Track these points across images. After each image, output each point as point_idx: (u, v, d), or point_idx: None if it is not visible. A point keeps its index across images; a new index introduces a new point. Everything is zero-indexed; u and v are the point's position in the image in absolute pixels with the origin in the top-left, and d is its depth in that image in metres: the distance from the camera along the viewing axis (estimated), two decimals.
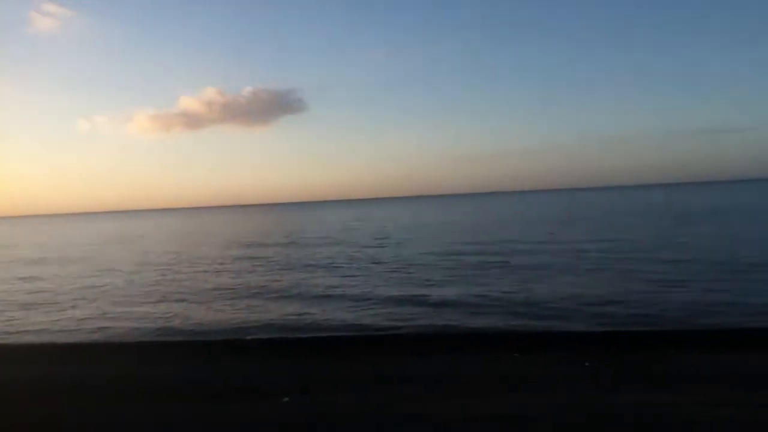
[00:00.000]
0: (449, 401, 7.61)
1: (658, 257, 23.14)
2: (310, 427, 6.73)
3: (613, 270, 20.39)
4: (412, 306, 15.94)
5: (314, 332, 13.73)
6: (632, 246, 27.83)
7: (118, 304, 18.40)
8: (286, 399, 7.86)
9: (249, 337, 13.56)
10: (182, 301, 18.61)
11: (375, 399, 7.86)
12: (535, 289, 17.41)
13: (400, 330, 13.58)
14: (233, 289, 20.56)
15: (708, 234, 32.08)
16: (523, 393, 7.98)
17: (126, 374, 10.07)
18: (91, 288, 22.31)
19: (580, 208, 75.84)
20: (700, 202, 77.17)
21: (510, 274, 20.86)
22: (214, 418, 7.17)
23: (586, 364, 9.58)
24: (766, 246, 25.32)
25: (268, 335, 13.69)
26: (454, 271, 22.37)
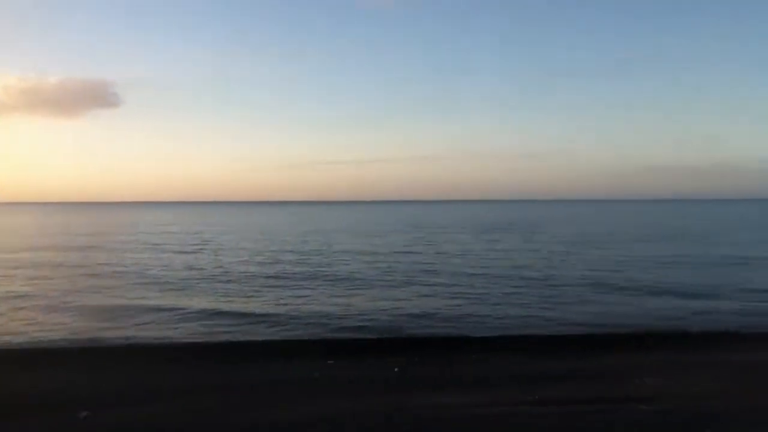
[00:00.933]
0: (257, 409, 7.62)
1: (462, 271, 24.89)
2: None
3: (423, 283, 21.48)
4: (225, 317, 15.52)
5: (118, 342, 12.95)
6: (433, 258, 29.69)
7: None
8: (84, 414, 7.34)
9: (47, 347, 12.43)
10: None
11: (183, 409, 7.64)
12: (353, 300, 17.90)
13: (214, 339, 13.26)
14: (25, 296, 18.70)
15: (503, 248, 35.04)
16: (332, 398, 8.20)
17: None
18: None
19: (400, 220, 78.90)
20: (504, 218, 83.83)
21: (328, 284, 21.22)
22: None
23: (396, 369, 10.06)
24: (549, 260, 28.24)
25: (68, 344, 12.66)
26: (272, 280, 22.28)
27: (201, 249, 36.55)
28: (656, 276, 22.57)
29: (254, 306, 16.92)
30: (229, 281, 21.88)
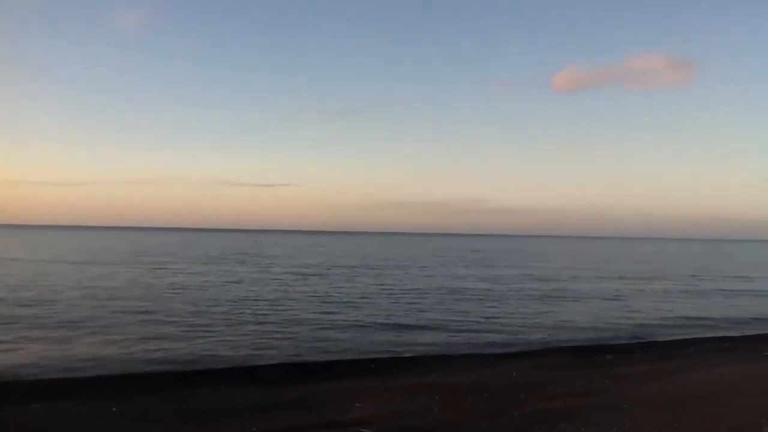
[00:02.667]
0: None
1: (196, 307, 24.28)
2: None
3: (154, 320, 20.36)
4: None
5: None
6: (165, 290, 28.55)
7: None
8: None
9: None
10: None
11: None
12: (73, 340, 16.43)
13: None
14: None
15: (237, 279, 34.88)
16: None
17: None
18: None
19: (121, 249, 73.26)
20: (233, 247, 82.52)
21: (40, 325, 19.10)
22: None
23: (114, 409, 9.53)
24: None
25: None
26: None
27: None
28: (373, 308, 24.41)
29: None
30: None
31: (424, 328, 19.69)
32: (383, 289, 31.67)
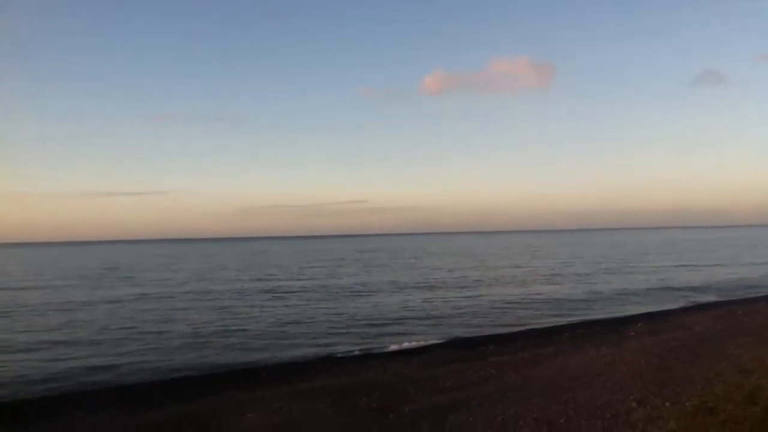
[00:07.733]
0: None
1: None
2: None
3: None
4: None
5: None
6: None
7: None
8: None
9: None
10: None
11: None
12: None
13: None
14: None
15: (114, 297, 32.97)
16: None
17: None
18: None
19: None
20: (98, 262, 77.54)
21: None
22: None
23: None
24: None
25: None
26: None
27: None
28: (256, 316, 24.03)
29: None
30: None
31: (312, 332, 19.62)
32: (269, 294, 31.25)
